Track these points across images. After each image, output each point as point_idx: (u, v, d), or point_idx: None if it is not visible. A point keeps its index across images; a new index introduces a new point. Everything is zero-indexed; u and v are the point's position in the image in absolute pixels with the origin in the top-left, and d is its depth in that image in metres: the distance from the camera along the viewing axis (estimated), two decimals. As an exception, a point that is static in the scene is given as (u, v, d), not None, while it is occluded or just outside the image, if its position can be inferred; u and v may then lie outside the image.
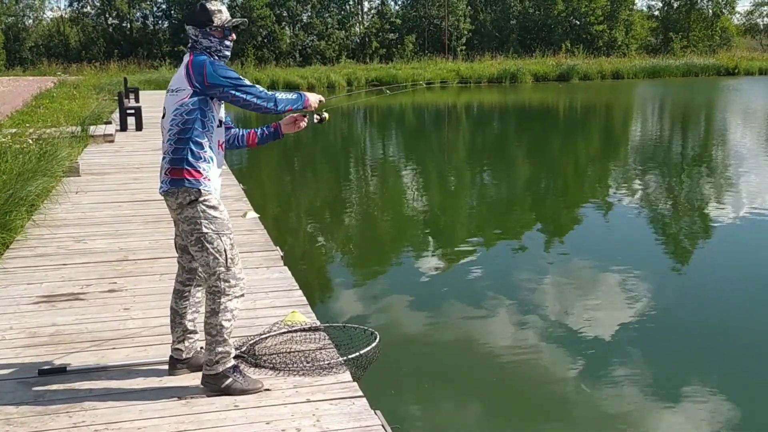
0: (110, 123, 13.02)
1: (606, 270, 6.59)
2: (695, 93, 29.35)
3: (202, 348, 3.30)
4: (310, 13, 42.82)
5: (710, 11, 50.91)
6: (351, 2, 45.30)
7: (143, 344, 3.62)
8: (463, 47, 44.14)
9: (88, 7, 42.11)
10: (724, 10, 51.52)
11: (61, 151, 8.25)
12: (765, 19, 56.87)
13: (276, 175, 12.19)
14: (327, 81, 32.58)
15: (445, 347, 4.97)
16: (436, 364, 4.70)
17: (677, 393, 4.21)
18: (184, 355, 3.24)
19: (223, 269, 3.00)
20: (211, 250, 2.99)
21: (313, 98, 3.25)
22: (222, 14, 3.07)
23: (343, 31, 43.48)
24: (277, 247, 5.31)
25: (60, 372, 3.27)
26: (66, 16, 42.53)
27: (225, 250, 3.01)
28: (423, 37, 44.36)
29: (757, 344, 4.99)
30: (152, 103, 18.85)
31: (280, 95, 3.11)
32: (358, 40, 44.54)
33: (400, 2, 46.47)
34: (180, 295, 3.22)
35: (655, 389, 4.26)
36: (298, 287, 4.45)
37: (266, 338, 3.56)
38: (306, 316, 3.91)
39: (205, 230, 2.98)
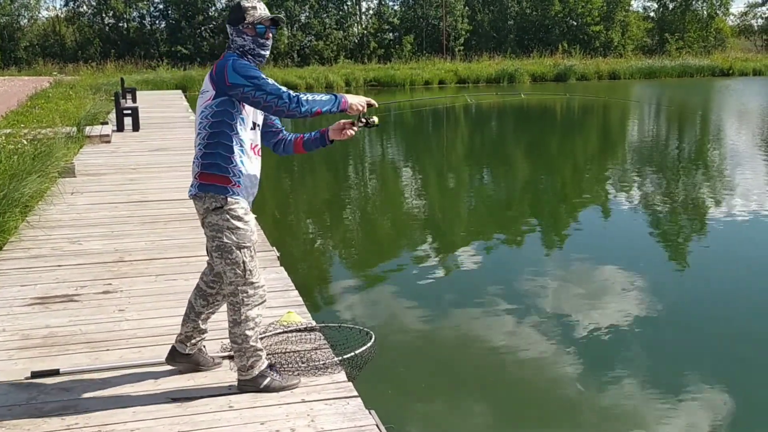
0: (107, 123, 12.96)
1: (604, 269, 6.59)
2: (691, 93, 29.47)
3: (204, 347, 3.30)
4: (308, 14, 42.74)
5: (705, 12, 51.14)
6: (349, 3, 45.25)
7: (138, 345, 3.59)
8: (461, 47, 44.12)
9: (84, 7, 41.97)
10: (718, 12, 51.72)
11: (56, 151, 8.21)
12: (759, 20, 57.29)
13: (273, 176, 12.15)
14: (325, 81, 32.51)
15: (442, 347, 4.96)
16: (432, 364, 4.68)
17: (676, 391, 4.20)
18: (187, 350, 3.23)
19: (240, 280, 2.97)
20: (229, 261, 2.95)
21: (355, 100, 3.04)
22: (256, 11, 2.95)
23: (341, 32, 43.39)
24: (274, 248, 5.29)
25: (53, 374, 3.24)
26: (62, 16, 42.34)
27: (243, 262, 2.95)
28: (421, 37, 44.30)
29: (756, 340, 4.99)
30: (150, 103, 18.84)
31: (307, 96, 2.91)
32: (357, 41, 44.47)
33: (398, 3, 46.48)
34: (202, 294, 3.18)
35: (654, 387, 4.25)
36: (294, 288, 4.43)
37: (262, 339, 3.53)
38: (302, 317, 3.89)
39: (225, 240, 2.94)
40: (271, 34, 3.00)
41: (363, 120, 3.17)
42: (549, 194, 10.72)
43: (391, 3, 46.44)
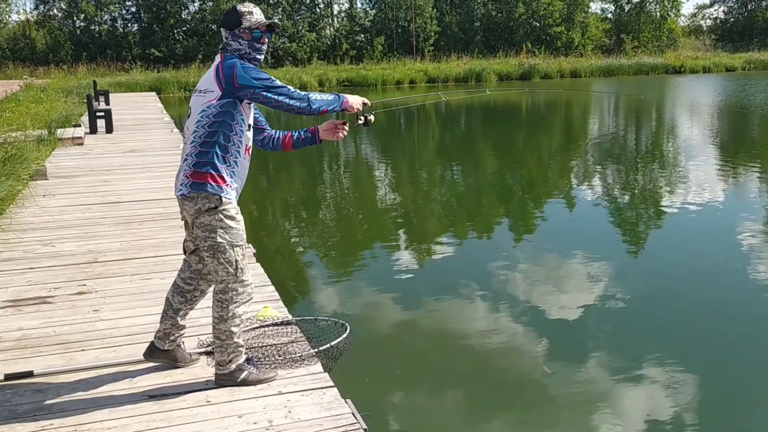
0: (79, 126, 12.78)
1: (571, 258, 6.75)
2: (646, 90, 30.31)
3: (183, 343, 3.31)
4: (280, 16, 42.58)
5: (658, 14, 53.09)
6: (321, 5, 45.30)
7: (113, 345, 3.57)
8: (431, 48, 44.55)
9: (55, 10, 41.29)
10: (670, 13, 53.73)
11: (27, 154, 8.09)
12: (707, 21, 60.60)
13: (249, 172, 12.12)
14: (299, 82, 32.45)
15: (415, 336, 5.02)
16: (406, 353, 4.75)
17: (645, 372, 4.35)
18: (166, 347, 3.23)
19: (231, 278, 2.99)
20: (222, 260, 2.96)
21: (354, 100, 3.19)
22: (252, 16, 2.98)
23: (314, 34, 43.39)
24: (250, 245, 5.28)
25: (27, 376, 3.21)
26: (32, 19, 41.60)
27: (236, 261, 2.98)
28: (392, 38, 44.59)
29: (711, 319, 5.25)
30: (123, 105, 18.63)
31: (315, 95, 3.02)
32: (329, 42, 44.52)
33: (369, 5, 46.70)
34: (180, 291, 3.19)
35: (621, 368, 4.40)
36: (270, 283, 4.44)
37: (239, 335, 3.55)
38: (278, 311, 3.91)
39: (219, 240, 2.94)
40: (266, 39, 3.05)
41: (362, 118, 3.27)
42: (517, 188, 10.87)
43: (362, 6, 46.69)
